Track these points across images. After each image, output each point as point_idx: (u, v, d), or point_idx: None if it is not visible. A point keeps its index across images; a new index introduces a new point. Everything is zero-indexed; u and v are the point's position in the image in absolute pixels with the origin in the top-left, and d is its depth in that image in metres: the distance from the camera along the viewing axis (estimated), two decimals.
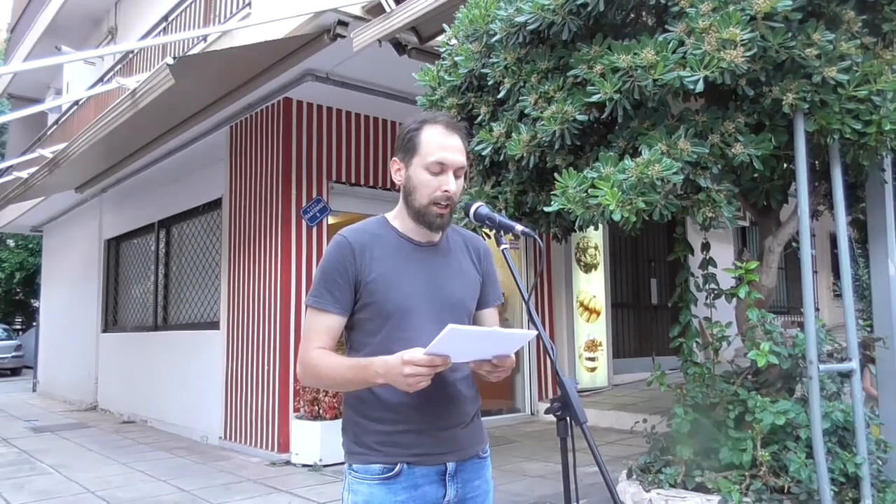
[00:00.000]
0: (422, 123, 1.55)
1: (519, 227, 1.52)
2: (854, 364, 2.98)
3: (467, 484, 1.58)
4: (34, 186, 8.05)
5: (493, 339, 1.40)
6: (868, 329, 3.33)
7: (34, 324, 17.01)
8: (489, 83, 3.29)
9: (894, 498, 2.92)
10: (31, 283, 19.64)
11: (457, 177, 1.55)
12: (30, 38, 10.85)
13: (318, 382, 1.57)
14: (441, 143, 1.53)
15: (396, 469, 1.50)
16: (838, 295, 3.50)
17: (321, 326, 1.52)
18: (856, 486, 2.93)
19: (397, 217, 1.61)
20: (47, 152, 7.65)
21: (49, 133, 10.60)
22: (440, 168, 1.52)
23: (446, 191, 1.52)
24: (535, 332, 1.43)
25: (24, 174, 8.24)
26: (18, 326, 23.43)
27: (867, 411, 3.08)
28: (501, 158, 3.27)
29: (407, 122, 1.59)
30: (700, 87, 2.58)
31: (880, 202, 3.21)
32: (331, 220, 6.36)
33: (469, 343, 1.38)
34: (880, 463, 3.09)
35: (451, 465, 1.55)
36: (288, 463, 5.63)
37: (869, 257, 3.34)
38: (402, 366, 1.34)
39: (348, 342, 1.60)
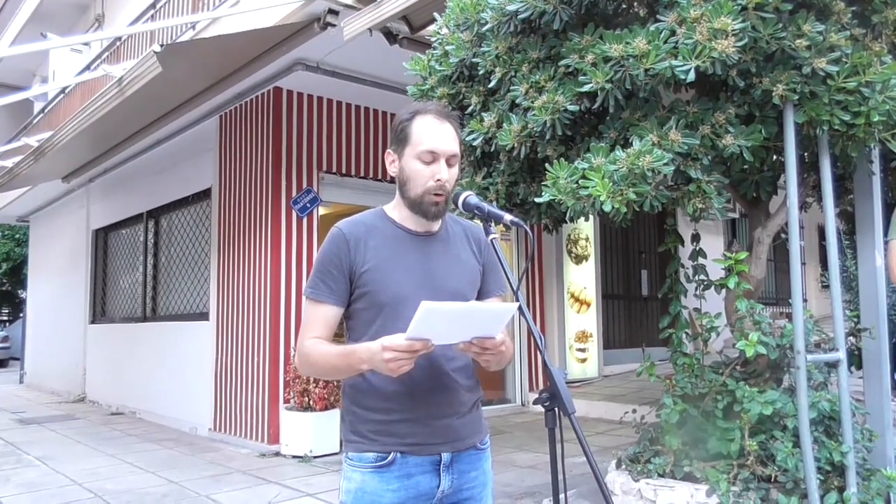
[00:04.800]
0: (413, 114, 1.56)
1: (508, 217, 1.51)
2: (841, 354, 3.00)
3: (463, 475, 1.58)
4: (20, 175, 7.95)
5: (473, 316, 1.36)
6: (855, 319, 3.36)
7: (21, 315, 16.88)
8: (480, 73, 3.27)
9: (879, 486, 2.95)
10: (17, 274, 19.44)
11: (449, 165, 1.55)
12: (14, 25, 10.64)
13: (312, 371, 1.61)
14: (432, 132, 1.54)
15: (389, 458, 1.51)
16: (826, 286, 3.52)
17: (317, 317, 1.55)
18: (841, 475, 2.96)
19: (395, 208, 1.62)
20: (33, 141, 7.56)
21: (35, 121, 10.47)
22: (432, 157, 1.53)
23: (439, 179, 1.53)
24: (517, 305, 1.41)
25: (9, 163, 8.14)
26: (5, 318, 23.25)
27: (853, 401, 3.11)
28: (492, 149, 3.26)
29: (400, 113, 1.60)
30: (692, 76, 2.57)
31: (868, 193, 3.23)
32: (321, 210, 6.33)
33: (448, 322, 1.34)
34: (866, 451, 3.12)
35: (445, 456, 1.55)
36: (278, 454, 5.62)
37: (856, 248, 3.36)
38: (383, 351, 1.35)
39: (347, 331, 1.61)
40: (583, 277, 8.18)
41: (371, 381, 1.51)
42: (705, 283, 3.50)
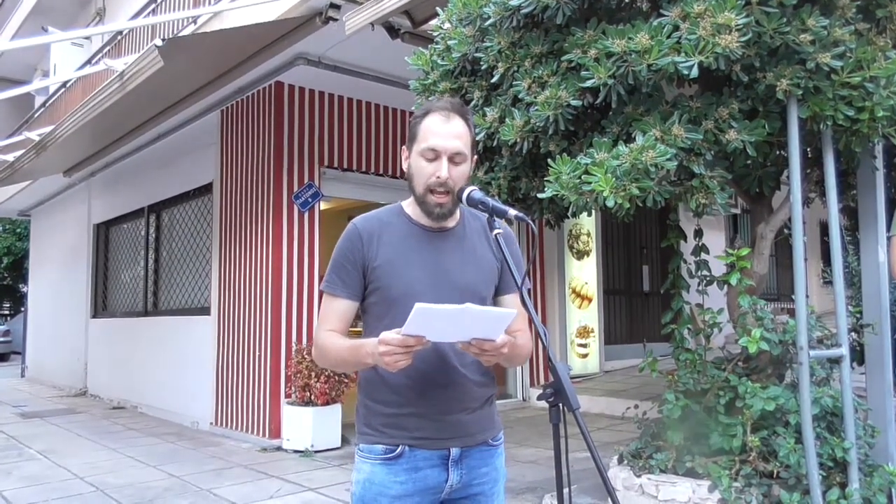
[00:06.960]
0: (425, 112, 1.58)
1: (512, 212, 1.50)
2: (844, 350, 3.00)
3: (473, 471, 1.59)
4: (21, 170, 7.95)
5: (470, 318, 1.34)
6: (858, 315, 3.35)
7: (22, 309, 16.90)
8: (482, 67, 3.26)
9: (881, 482, 2.95)
10: (19, 268, 19.46)
11: (454, 163, 1.54)
12: (15, 19, 10.66)
13: (326, 363, 1.63)
14: (436, 130, 1.54)
15: (398, 451, 1.53)
16: (827, 282, 3.52)
17: (332, 310, 1.59)
18: (843, 471, 2.96)
19: (411, 204, 1.63)
20: (34, 135, 7.55)
21: (36, 115, 10.46)
22: (433, 154, 1.54)
23: (439, 177, 1.53)
24: (514, 312, 1.41)
25: (10, 157, 8.14)
26: (6, 312, 23.30)
27: (855, 397, 3.10)
28: (495, 144, 3.24)
29: (416, 110, 1.62)
30: (695, 72, 2.56)
31: (871, 189, 3.22)
32: (323, 205, 6.33)
33: (444, 323, 1.33)
34: (868, 447, 3.12)
35: (454, 451, 1.56)
36: (279, 449, 5.63)
37: (859, 244, 3.35)
38: (378, 345, 1.36)
39: (363, 326, 1.63)
40: (584, 273, 8.18)
41: (383, 375, 1.52)
42: (708, 278, 3.50)
